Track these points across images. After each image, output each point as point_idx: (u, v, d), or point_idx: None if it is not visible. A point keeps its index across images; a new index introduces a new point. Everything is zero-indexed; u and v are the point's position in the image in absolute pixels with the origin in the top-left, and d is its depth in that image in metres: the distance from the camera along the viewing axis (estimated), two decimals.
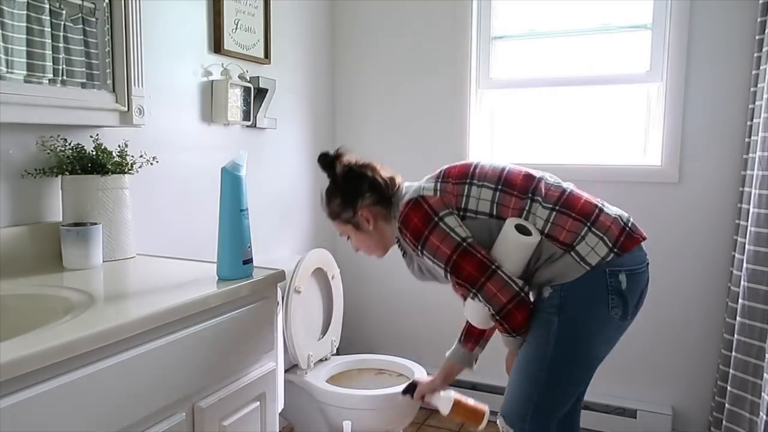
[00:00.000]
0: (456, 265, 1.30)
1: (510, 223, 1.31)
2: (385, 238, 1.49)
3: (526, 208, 1.32)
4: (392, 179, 1.47)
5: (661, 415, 2.16)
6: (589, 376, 1.39)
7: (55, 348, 0.83)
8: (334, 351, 2.20)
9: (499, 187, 1.34)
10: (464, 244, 1.30)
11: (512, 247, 1.30)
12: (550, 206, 1.32)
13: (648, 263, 1.38)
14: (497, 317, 1.31)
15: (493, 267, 1.29)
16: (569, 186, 1.39)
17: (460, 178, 1.37)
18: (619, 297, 1.30)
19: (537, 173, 1.40)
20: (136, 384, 0.97)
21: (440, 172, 1.42)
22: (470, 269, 1.29)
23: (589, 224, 1.30)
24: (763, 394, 1.68)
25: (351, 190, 1.45)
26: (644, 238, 1.35)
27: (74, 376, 0.86)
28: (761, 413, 1.68)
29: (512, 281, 1.29)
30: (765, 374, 1.70)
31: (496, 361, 1.64)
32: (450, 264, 1.30)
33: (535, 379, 1.34)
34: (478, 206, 1.34)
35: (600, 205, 1.35)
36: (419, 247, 1.33)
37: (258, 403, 1.28)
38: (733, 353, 1.88)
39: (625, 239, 1.31)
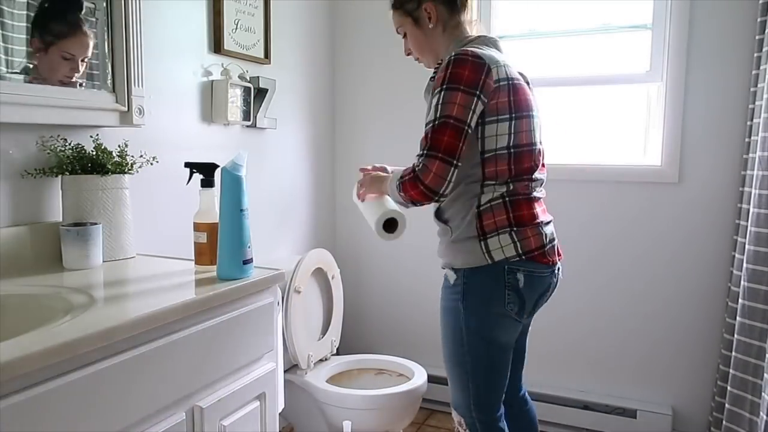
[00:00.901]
0: (443, 125, 1.26)
1: (392, 212, 1.39)
2: (438, 45, 1.45)
3: (499, 180, 1.33)
4: (471, 3, 1.44)
5: (661, 415, 2.16)
6: (507, 358, 1.41)
7: (55, 348, 0.83)
8: (334, 351, 2.20)
9: (512, 151, 1.32)
10: (466, 125, 1.26)
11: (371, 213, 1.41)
12: (505, 195, 1.33)
13: (554, 271, 1.41)
14: (414, 175, 1.27)
15: (455, 160, 1.25)
16: (540, 195, 1.42)
17: (515, 106, 1.32)
18: (515, 294, 1.32)
19: (541, 174, 1.41)
20: (136, 384, 0.97)
21: (516, 76, 1.36)
22: (446, 141, 1.25)
23: (513, 228, 1.32)
24: (763, 394, 1.68)
25: None
26: (554, 263, 1.40)
27: (74, 376, 0.86)
28: (761, 413, 1.68)
29: (448, 184, 1.26)
30: (765, 374, 1.69)
31: None
32: (439, 119, 1.27)
33: (462, 366, 1.39)
34: (487, 134, 1.31)
35: (541, 220, 1.37)
36: (443, 86, 1.28)
37: (258, 403, 1.28)
38: (733, 353, 1.88)
39: (537, 255, 1.34)
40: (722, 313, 2.07)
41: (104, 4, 1.44)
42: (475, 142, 1.31)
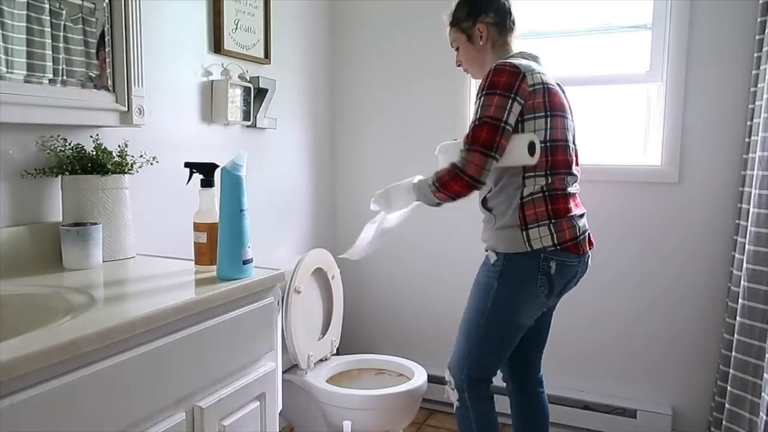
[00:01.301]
0: (482, 124, 1.45)
1: (530, 135, 1.48)
2: (486, 60, 1.64)
3: (538, 172, 1.51)
4: (515, 23, 1.65)
5: (661, 415, 2.16)
6: (514, 341, 1.60)
7: (55, 348, 0.83)
8: (334, 351, 2.20)
9: (548, 144, 1.50)
10: (502, 123, 1.45)
11: (513, 146, 1.47)
12: (545, 189, 1.51)
13: (583, 260, 1.58)
14: (456, 171, 1.46)
15: (493, 153, 1.45)
16: (575, 190, 1.59)
17: (549, 105, 1.51)
18: (547, 279, 1.51)
19: (574, 166, 1.58)
20: (136, 384, 0.97)
21: (552, 82, 1.56)
22: (484, 137, 1.44)
23: (552, 221, 1.50)
24: (763, 394, 1.68)
25: (481, 3, 1.62)
26: (584, 252, 1.57)
27: (74, 376, 0.86)
28: (761, 413, 1.68)
29: (487, 173, 1.45)
30: (765, 374, 1.70)
31: None
32: (480, 119, 1.46)
33: (472, 335, 1.58)
34: (527, 130, 1.49)
35: (575, 213, 1.55)
36: (484, 91, 1.48)
37: (258, 403, 1.28)
38: (733, 353, 1.88)
39: (571, 245, 1.52)
40: (722, 313, 2.07)
41: (104, 4, 1.44)
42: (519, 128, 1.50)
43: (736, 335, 1.87)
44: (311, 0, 2.43)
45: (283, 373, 1.95)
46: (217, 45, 1.89)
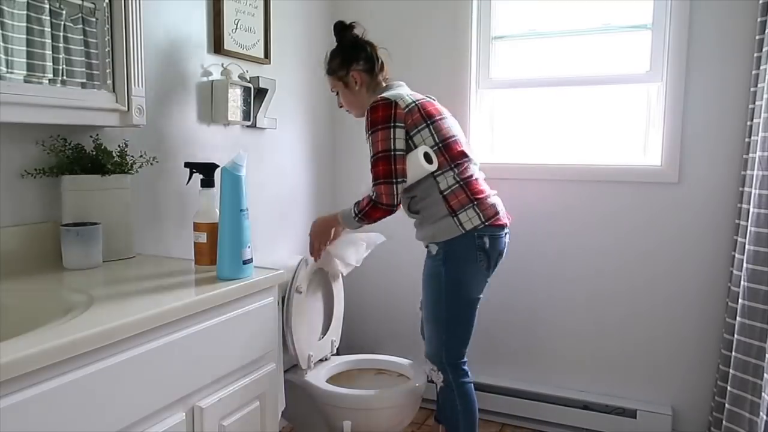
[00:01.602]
0: (377, 160, 1.70)
1: (423, 148, 1.69)
2: (364, 101, 1.84)
3: (443, 169, 1.72)
4: (384, 65, 1.86)
5: (661, 415, 2.16)
6: (473, 316, 1.80)
7: (55, 348, 0.83)
8: (335, 351, 2.20)
9: (440, 145, 1.72)
10: (392, 152, 1.68)
11: (413, 165, 1.68)
12: (458, 180, 1.72)
13: (507, 233, 1.81)
14: (371, 203, 1.71)
15: (396, 180, 1.68)
16: (480, 174, 1.81)
17: (427, 117, 1.73)
18: (483, 253, 1.73)
19: (470, 153, 1.79)
20: (136, 384, 0.97)
21: (422, 98, 1.78)
22: (382, 169, 1.69)
23: (473, 203, 1.72)
24: (763, 394, 1.68)
25: (350, 55, 1.84)
26: (505, 225, 1.80)
27: (74, 376, 0.86)
28: (761, 413, 1.68)
29: (397, 197, 1.70)
30: (765, 374, 1.69)
31: (498, 361, 1.64)
32: (374, 157, 1.70)
33: (439, 321, 1.77)
34: (421, 142, 1.71)
35: (489, 193, 1.78)
36: (369, 131, 1.72)
37: (258, 403, 1.29)
38: (733, 353, 1.88)
39: (495, 219, 1.75)
40: (722, 313, 2.07)
41: (104, 4, 1.43)
42: (410, 148, 1.71)
43: (736, 335, 1.87)
44: (311, 0, 2.43)
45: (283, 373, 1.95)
46: (217, 45, 1.89)
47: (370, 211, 1.72)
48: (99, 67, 1.45)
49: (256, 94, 2.03)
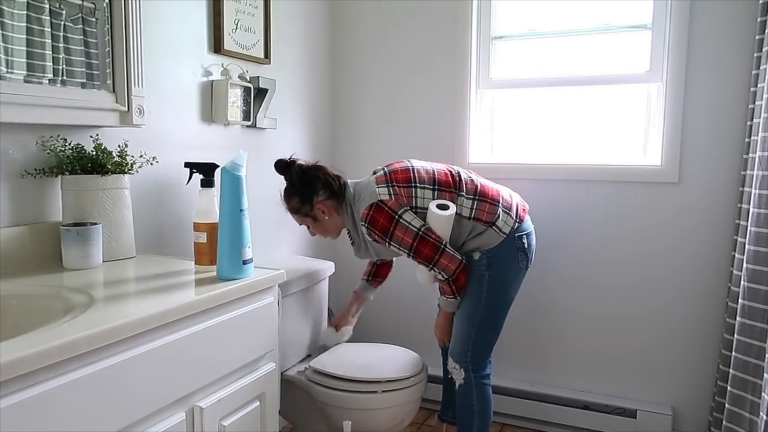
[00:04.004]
0: (417, 249, 1.69)
1: (432, 205, 1.71)
2: (338, 225, 1.85)
3: (456, 200, 1.74)
4: (339, 177, 1.81)
5: (661, 415, 2.16)
6: (507, 313, 1.86)
7: (55, 348, 0.83)
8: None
9: (435, 187, 1.75)
10: (420, 233, 1.69)
11: (439, 221, 1.70)
12: (472, 197, 1.76)
13: (533, 228, 1.88)
14: (449, 281, 1.74)
15: (442, 246, 1.70)
16: (479, 179, 1.83)
17: (406, 183, 1.74)
18: (523, 253, 1.81)
19: (455, 170, 1.82)
20: (136, 384, 0.97)
21: (386, 175, 1.76)
22: (427, 251, 1.69)
23: (501, 207, 1.78)
24: (763, 394, 1.68)
25: (307, 189, 1.79)
26: (527, 210, 1.89)
27: (74, 376, 0.86)
28: (761, 413, 1.68)
29: (456, 254, 1.72)
30: (765, 374, 1.69)
31: (498, 361, 1.64)
32: (412, 249, 1.70)
33: (472, 321, 1.79)
34: (423, 203, 1.73)
35: (500, 190, 1.83)
36: (387, 240, 1.70)
37: (258, 403, 1.29)
38: (733, 353, 1.88)
39: (521, 212, 1.83)
40: (722, 313, 2.07)
41: (104, 4, 1.44)
42: (422, 213, 1.73)
43: (736, 335, 1.87)
44: (311, 0, 2.43)
45: (282, 373, 1.95)
46: (217, 45, 1.89)
47: (456, 285, 1.75)
48: (99, 67, 1.45)
49: (256, 94, 2.03)
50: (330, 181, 1.78)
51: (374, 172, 1.84)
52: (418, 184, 1.74)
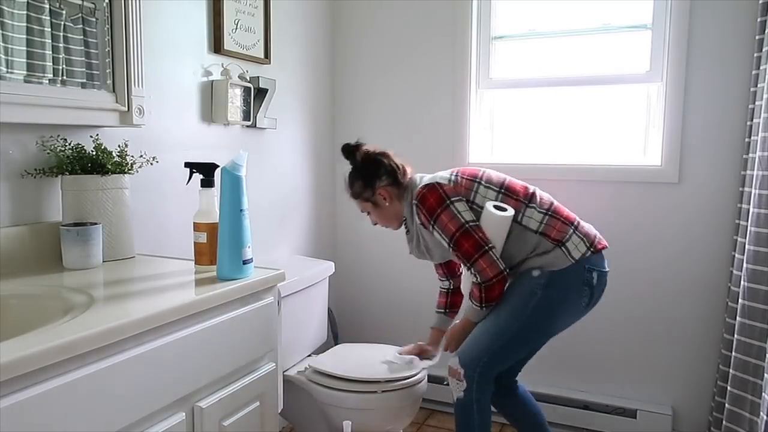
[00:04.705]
0: (458, 241, 1.60)
1: (489, 204, 1.61)
2: (399, 213, 1.77)
3: (521, 210, 1.64)
4: (404, 166, 1.77)
5: (661, 415, 2.16)
6: (541, 345, 1.75)
7: (55, 348, 0.83)
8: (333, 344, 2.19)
9: (502, 191, 1.66)
10: (467, 225, 1.60)
11: (491, 222, 1.60)
12: (544, 211, 1.65)
13: (608, 269, 1.71)
14: (482, 286, 1.61)
15: (486, 247, 1.59)
16: (556, 202, 1.72)
17: (471, 177, 1.68)
18: (589, 289, 1.64)
19: (532, 187, 1.72)
20: (136, 384, 0.97)
21: (454, 170, 1.72)
22: (468, 246, 1.59)
23: (573, 228, 1.65)
24: (763, 394, 1.68)
25: (370, 173, 1.75)
26: (606, 247, 1.70)
27: (74, 376, 0.86)
28: (761, 413, 1.68)
29: (499, 261, 1.60)
30: (765, 374, 1.69)
31: None
32: (453, 240, 1.61)
33: (502, 334, 1.63)
34: (482, 201, 1.64)
35: (578, 218, 1.70)
36: (431, 222, 1.63)
37: (258, 403, 1.28)
38: (733, 353, 1.88)
39: (597, 243, 1.67)
40: (722, 313, 2.07)
41: (104, 4, 1.44)
42: (477, 211, 1.64)
43: (736, 335, 1.87)
44: (311, 0, 2.43)
45: (283, 373, 1.95)
46: (217, 45, 1.89)
47: (488, 294, 1.62)
48: (99, 67, 1.45)
49: (256, 94, 2.03)
50: (394, 168, 1.74)
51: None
52: (483, 182, 1.67)
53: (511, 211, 1.61)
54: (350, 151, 1.79)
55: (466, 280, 1.77)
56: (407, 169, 1.78)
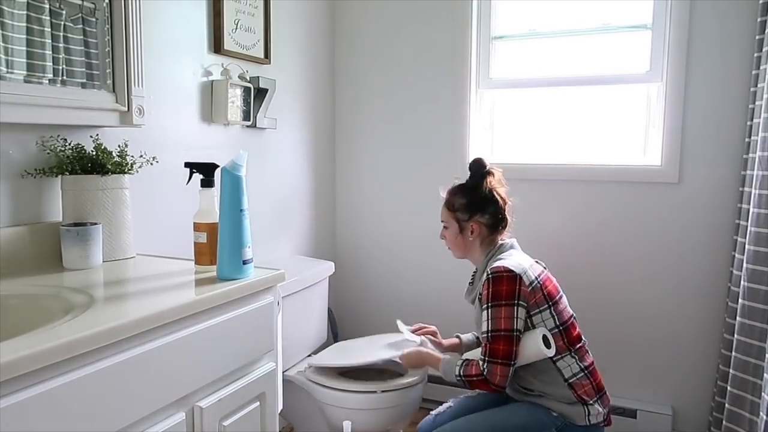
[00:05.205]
0: (497, 338, 1.54)
1: (541, 330, 1.56)
2: (472, 251, 1.72)
3: (563, 355, 1.59)
4: (507, 221, 1.71)
5: (661, 415, 2.16)
6: None
7: (55, 348, 0.83)
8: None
9: (560, 328, 1.60)
10: (514, 333, 1.54)
11: (531, 350, 1.54)
12: (581, 367, 1.60)
13: None
14: (482, 378, 1.55)
15: (512, 361, 1.54)
16: (593, 362, 1.66)
17: (548, 296, 1.61)
18: None
19: (583, 337, 1.66)
20: (136, 384, 0.97)
21: (541, 271, 1.66)
22: (501, 349, 1.53)
23: (599, 397, 1.61)
24: (763, 394, 1.68)
25: (480, 202, 1.68)
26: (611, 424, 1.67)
27: (74, 376, 0.86)
28: (761, 413, 1.68)
29: (507, 380, 1.54)
30: (765, 374, 1.69)
31: None
32: (493, 333, 1.55)
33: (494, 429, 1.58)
34: (539, 325, 1.59)
35: (601, 380, 1.66)
36: (488, 303, 1.56)
37: (258, 403, 1.28)
38: (733, 353, 1.88)
39: (609, 417, 1.64)
40: (722, 313, 2.07)
41: (104, 4, 1.44)
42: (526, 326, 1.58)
43: (736, 335, 1.87)
44: (311, 0, 2.43)
45: (282, 372, 1.95)
46: (217, 45, 1.89)
47: (477, 384, 1.57)
48: (99, 67, 1.45)
49: (256, 94, 2.03)
50: (501, 214, 1.68)
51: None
52: (552, 308, 1.60)
53: (551, 352, 1.56)
54: (482, 174, 1.70)
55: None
56: (508, 222, 1.71)
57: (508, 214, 1.71)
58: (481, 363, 1.56)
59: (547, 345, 1.56)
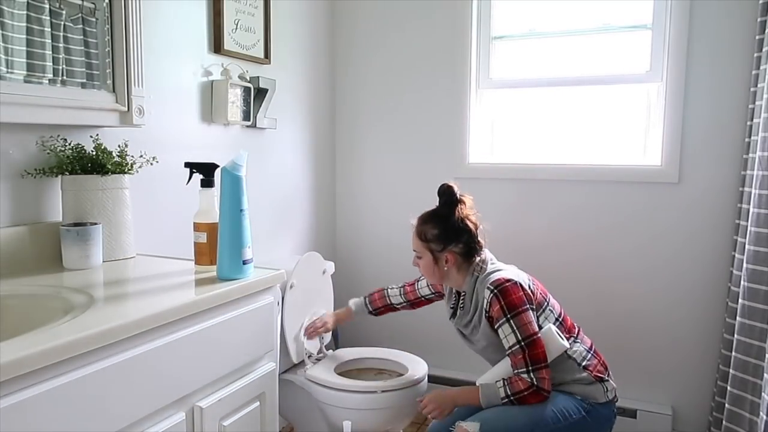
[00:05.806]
0: (532, 344, 1.53)
1: (551, 326, 1.60)
2: (449, 278, 1.71)
3: (570, 343, 1.64)
4: (481, 245, 1.69)
5: (661, 415, 2.16)
6: None
7: (55, 348, 0.83)
8: (323, 349, 2.19)
9: (559, 320, 1.67)
10: (539, 335, 1.56)
11: (551, 346, 1.57)
12: (587, 349, 1.67)
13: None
14: (532, 391, 1.52)
15: (548, 364, 1.55)
16: (590, 339, 1.74)
17: (543, 294, 1.68)
18: (609, 426, 1.66)
19: (576, 324, 1.74)
20: (136, 384, 0.97)
21: (526, 274, 1.68)
22: (541, 353, 1.54)
23: (607, 372, 1.67)
24: (763, 394, 1.68)
25: (453, 233, 1.66)
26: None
27: (74, 376, 0.86)
28: (761, 413, 1.68)
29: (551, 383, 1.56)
30: (765, 374, 1.69)
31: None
32: (527, 340, 1.54)
33: (537, 427, 1.52)
34: (544, 323, 1.63)
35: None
36: (507, 315, 1.55)
37: (258, 403, 1.29)
38: (733, 353, 1.88)
39: (616, 393, 1.68)
40: (722, 313, 2.07)
41: (104, 4, 1.44)
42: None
43: (736, 335, 1.87)
44: (311, 0, 2.43)
45: (282, 373, 1.95)
46: (217, 45, 1.89)
47: (529, 397, 1.52)
48: (99, 67, 1.45)
49: (256, 94, 2.03)
50: (474, 242, 1.66)
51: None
52: (549, 304, 1.67)
53: (568, 344, 1.60)
54: (452, 202, 1.67)
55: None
56: (482, 245, 1.69)
57: (481, 239, 1.68)
58: (525, 375, 1.52)
59: (562, 338, 1.61)
